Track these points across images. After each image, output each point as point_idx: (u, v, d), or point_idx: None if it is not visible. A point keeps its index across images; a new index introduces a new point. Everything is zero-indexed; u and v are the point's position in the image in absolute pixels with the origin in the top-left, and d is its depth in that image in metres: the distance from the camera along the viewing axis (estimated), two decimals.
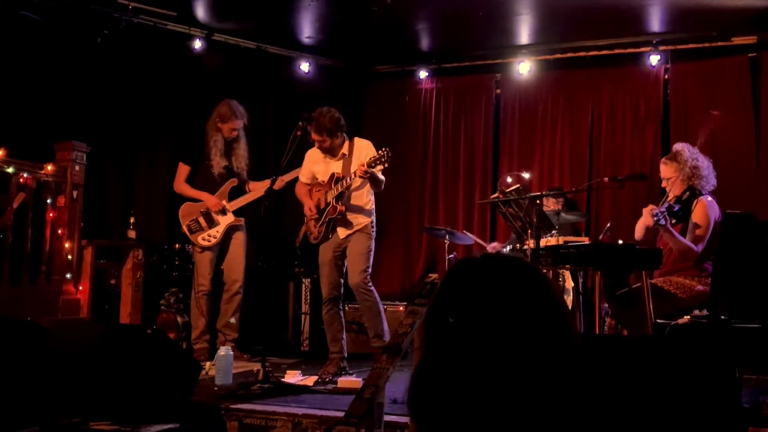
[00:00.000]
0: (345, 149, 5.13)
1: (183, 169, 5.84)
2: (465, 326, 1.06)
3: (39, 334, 3.85)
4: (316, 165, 5.24)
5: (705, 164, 4.60)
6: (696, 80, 6.85)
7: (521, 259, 1.14)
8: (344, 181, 4.99)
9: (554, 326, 1.07)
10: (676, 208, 4.30)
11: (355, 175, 4.87)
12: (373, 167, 4.81)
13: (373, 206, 5.21)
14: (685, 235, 4.46)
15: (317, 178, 5.22)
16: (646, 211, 4.53)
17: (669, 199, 4.55)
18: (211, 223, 5.73)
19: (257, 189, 5.81)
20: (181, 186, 5.83)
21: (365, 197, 5.13)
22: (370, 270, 5.11)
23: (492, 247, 6.56)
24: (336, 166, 5.12)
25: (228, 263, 5.84)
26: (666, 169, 4.67)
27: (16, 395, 3.54)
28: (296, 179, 5.46)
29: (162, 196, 6.72)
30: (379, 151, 4.83)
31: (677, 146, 4.74)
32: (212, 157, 5.74)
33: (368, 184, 5.05)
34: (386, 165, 4.82)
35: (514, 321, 1.05)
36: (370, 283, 5.10)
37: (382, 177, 5.01)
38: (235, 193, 5.82)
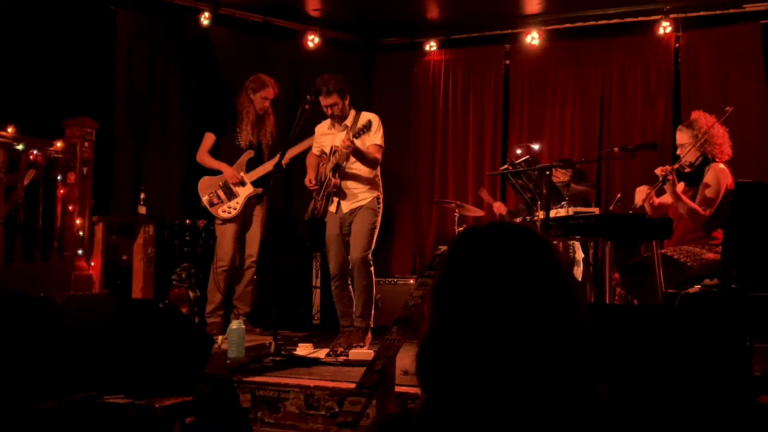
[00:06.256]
0: (349, 121, 5.11)
1: (209, 139, 5.86)
2: (472, 294, 1.06)
3: (52, 310, 3.88)
4: (323, 137, 5.23)
5: (720, 132, 4.56)
6: (707, 48, 6.77)
7: (527, 227, 1.13)
8: (338, 154, 4.97)
9: (560, 293, 1.07)
10: (687, 171, 4.27)
11: (341, 148, 4.83)
12: (358, 137, 4.79)
13: (379, 181, 5.18)
14: (695, 201, 4.45)
15: (324, 151, 5.22)
16: (639, 190, 4.57)
17: (682, 162, 4.54)
18: (231, 195, 5.76)
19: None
20: (203, 156, 5.85)
21: (369, 171, 5.10)
22: (372, 247, 5.09)
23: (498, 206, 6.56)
24: (339, 138, 5.08)
25: (247, 239, 5.89)
26: (681, 136, 4.65)
27: (32, 370, 3.58)
28: (303, 152, 5.46)
29: (172, 172, 6.73)
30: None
31: (694, 114, 4.70)
32: (241, 129, 5.77)
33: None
34: (366, 132, 4.82)
35: (520, 288, 1.05)
36: (371, 263, 5.10)
37: (374, 156, 4.97)
38: (252, 165, 5.84)
